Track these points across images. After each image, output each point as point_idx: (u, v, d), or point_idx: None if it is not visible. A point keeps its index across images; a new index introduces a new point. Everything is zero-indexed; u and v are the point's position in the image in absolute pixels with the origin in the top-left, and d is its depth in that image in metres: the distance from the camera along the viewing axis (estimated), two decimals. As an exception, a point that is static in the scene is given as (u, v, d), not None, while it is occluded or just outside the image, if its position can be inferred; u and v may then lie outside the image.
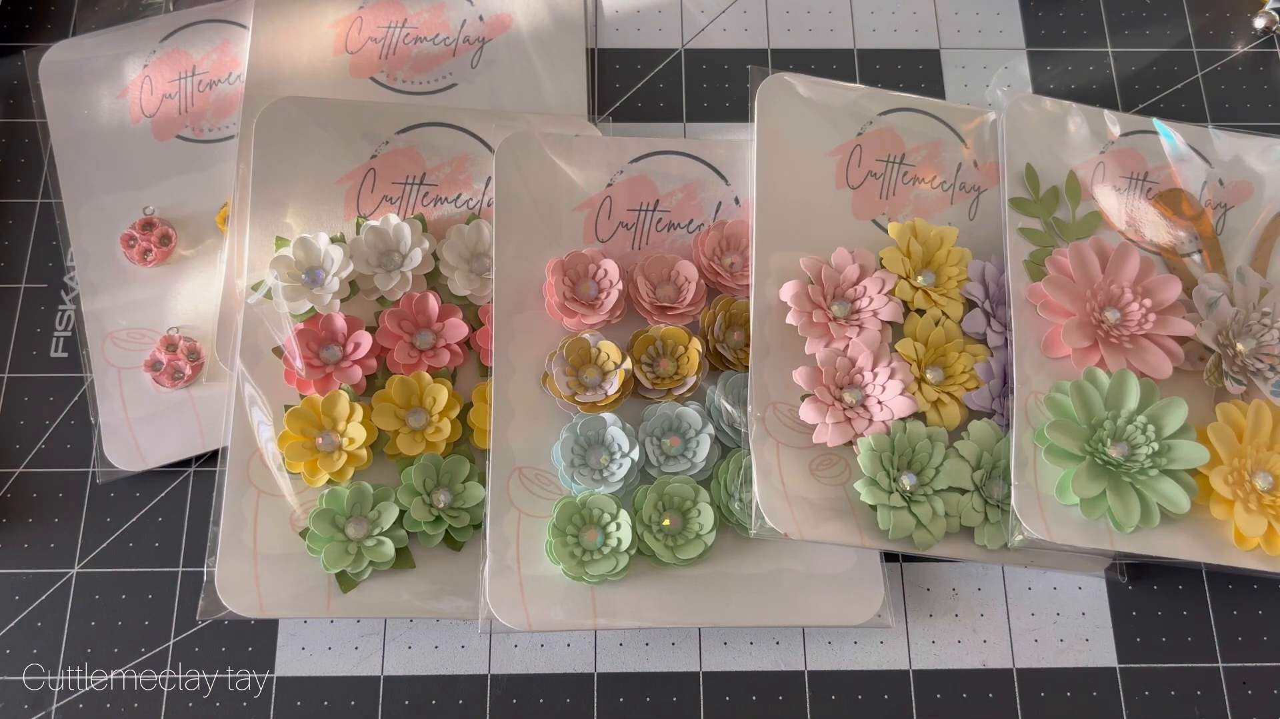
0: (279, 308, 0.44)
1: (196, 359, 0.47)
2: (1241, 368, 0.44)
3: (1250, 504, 0.41)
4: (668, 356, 0.45)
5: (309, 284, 0.45)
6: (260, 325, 0.45)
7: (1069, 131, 0.48)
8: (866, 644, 0.44)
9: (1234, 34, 0.56)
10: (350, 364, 0.44)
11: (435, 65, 0.53)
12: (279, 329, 0.45)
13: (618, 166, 0.48)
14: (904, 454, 0.42)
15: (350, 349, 0.44)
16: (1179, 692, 0.44)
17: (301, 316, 0.44)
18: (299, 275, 0.45)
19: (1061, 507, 0.41)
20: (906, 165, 0.48)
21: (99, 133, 0.51)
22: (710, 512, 0.42)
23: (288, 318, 0.44)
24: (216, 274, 0.48)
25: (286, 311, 0.44)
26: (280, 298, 0.44)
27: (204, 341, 0.47)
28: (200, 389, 0.47)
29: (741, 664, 0.44)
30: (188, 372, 0.46)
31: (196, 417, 0.46)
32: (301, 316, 0.44)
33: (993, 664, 0.44)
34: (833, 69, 0.54)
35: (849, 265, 0.44)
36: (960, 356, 0.44)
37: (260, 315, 0.45)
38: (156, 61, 0.52)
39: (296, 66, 0.52)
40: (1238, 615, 0.45)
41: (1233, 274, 0.47)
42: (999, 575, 0.45)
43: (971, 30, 0.55)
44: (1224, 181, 0.49)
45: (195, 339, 0.47)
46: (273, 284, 0.44)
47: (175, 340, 0.47)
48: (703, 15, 0.56)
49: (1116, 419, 0.42)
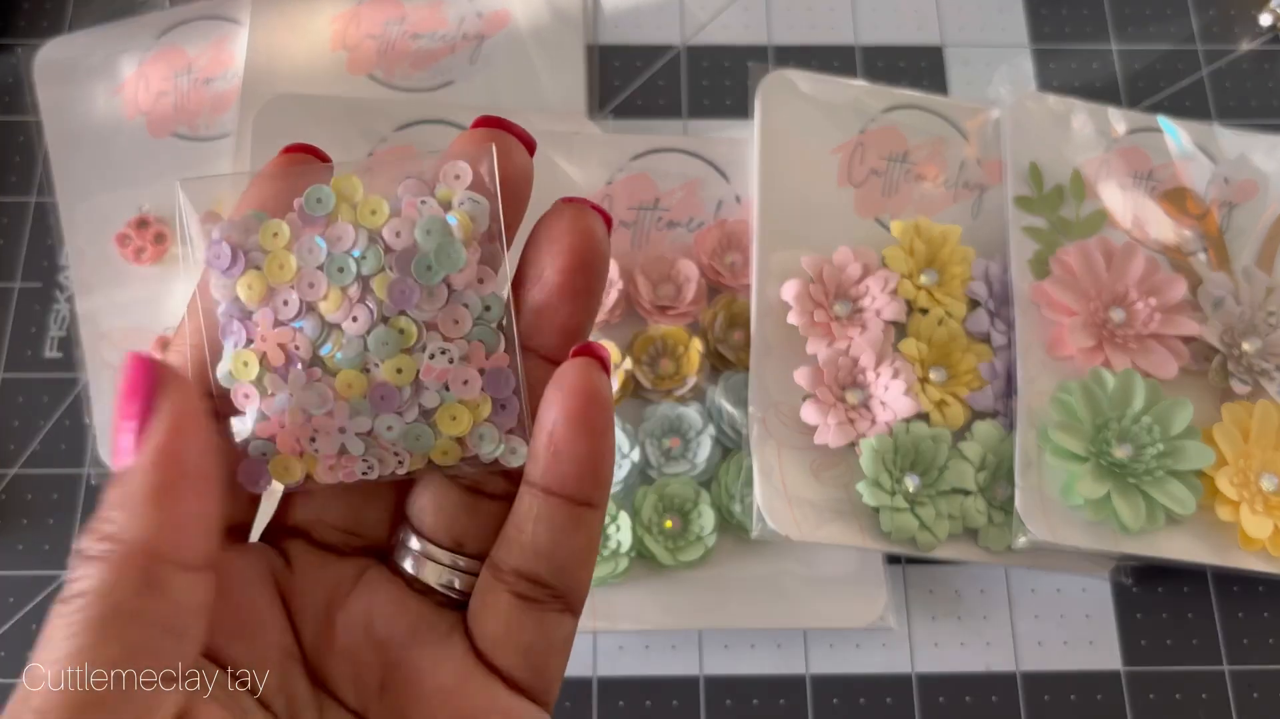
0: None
1: (192, 359, 0.46)
2: (1247, 368, 0.44)
3: (1256, 505, 0.41)
4: (668, 356, 0.44)
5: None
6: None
7: (1073, 129, 0.48)
8: (869, 647, 0.44)
9: (1239, 31, 0.55)
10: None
11: (433, 62, 0.52)
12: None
13: (617, 164, 0.47)
14: (907, 455, 0.41)
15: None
16: (1184, 695, 0.43)
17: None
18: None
19: (1066, 508, 0.41)
20: (909, 163, 0.47)
21: (94, 130, 0.51)
22: (711, 513, 0.42)
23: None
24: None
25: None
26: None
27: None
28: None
29: (743, 668, 0.43)
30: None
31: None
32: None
33: (996, 667, 0.44)
34: (834, 66, 0.54)
35: (851, 264, 0.44)
36: (964, 356, 0.43)
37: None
38: (152, 58, 0.52)
39: (293, 63, 0.51)
40: (1243, 618, 0.45)
41: (1238, 273, 0.46)
42: (1002, 578, 0.45)
43: (975, 26, 0.55)
44: (1229, 180, 0.48)
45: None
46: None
47: (170, 340, 0.47)
48: (703, 11, 0.55)
49: (1122, 420, 0.42)
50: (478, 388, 0.22)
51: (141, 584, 0.19)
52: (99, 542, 0.19)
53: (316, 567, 0.23)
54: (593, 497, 0.22)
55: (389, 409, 0.22)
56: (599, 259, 0.23)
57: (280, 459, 0.22)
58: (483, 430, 0.23)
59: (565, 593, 0.22)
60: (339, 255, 0.22)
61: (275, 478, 0.23)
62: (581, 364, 0.21)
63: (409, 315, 0.22)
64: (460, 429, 0.22)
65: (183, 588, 0.20)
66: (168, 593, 0.19)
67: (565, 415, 0.21)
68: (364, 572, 0.24)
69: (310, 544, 0.24)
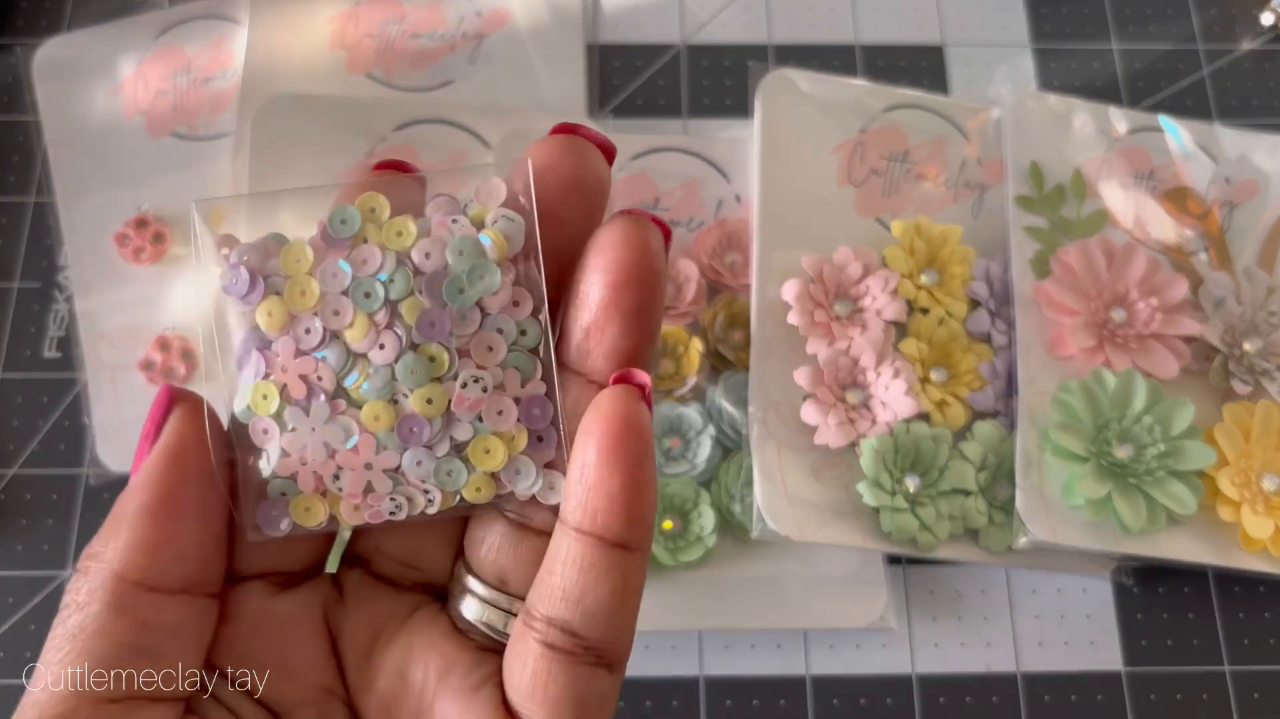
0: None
1: (190, 359, 0.46)
2: (1248, 368, 0.44)
3: (1257, 506, 0.41)
4: (668, 356, 0.44)
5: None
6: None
7: (1074, 129, 0.48)
8: (869, 648, 0.44)
9: (1240, 30, 0.55)
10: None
11: (432, 61, 0.52)
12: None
13: (617, 164, 0.47)
14: (907, 455, 0.41)
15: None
16: (1185, 696, 0.43)
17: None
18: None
19: (1067, 508, 0.41)
20: (910, 162, 0.47)
21: (93, 130, 0.51)
22: (711, 514, 0.42)
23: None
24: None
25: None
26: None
27: (197, 341, 0.47)
28: (194, 389, 0.46)
29: (743, 668, 0.43)
30: (181, 372, 0.46)
31: (191, 417, 0.46)
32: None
33: (997, 668, 0.44)
34: (835, 65, 0.54)
35: (851, 264, 0.44)
36: (965, 356, 0.43)
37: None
38: (151, 58, 0.52)
39: (292, 63, 0.51)
40: (1245, 618, 0.44)
41: (1239, 273, 0.46)
42: (1003, 578, 0.45)
43: (975, 26, 0.55)
44: (1230, 179, 0.48)
45: (189, 339, 0.47)
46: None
47: (169, 340, 0.46)
48: (703, 10, 0.55)
49: (1123, 420, 0.41)
50: (513, 418, 0.21)
51: (108, 602, 0.19)
52: (86, 557, 0.20)
53: (369, 600, 0.22)
54: (629, 538, 0.20)
55: (418, 443, 0.21)
56: (652, 275, 0.21)
57: (301, 499, 0.21)
58: (519, 464, 0.21)
59: (598, 644, 0.20)
60: (365, 280, 0.21)
61: (296, 520, 0.21)
62: (618, 393, 0.20)
63: (440, 342, 0.21)
64: (494, 464, 0.21)
65: (154, 610, 0.20)
66: (133, 612, 0.19)
67: (598, 448, 0.20)
68: (417, 608, 0.22)
69: (367, 575, 0.23)
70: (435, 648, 0.22)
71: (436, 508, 0.21)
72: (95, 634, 0.19)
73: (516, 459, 0.21)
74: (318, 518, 0.21)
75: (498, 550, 0.22)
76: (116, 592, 0.19)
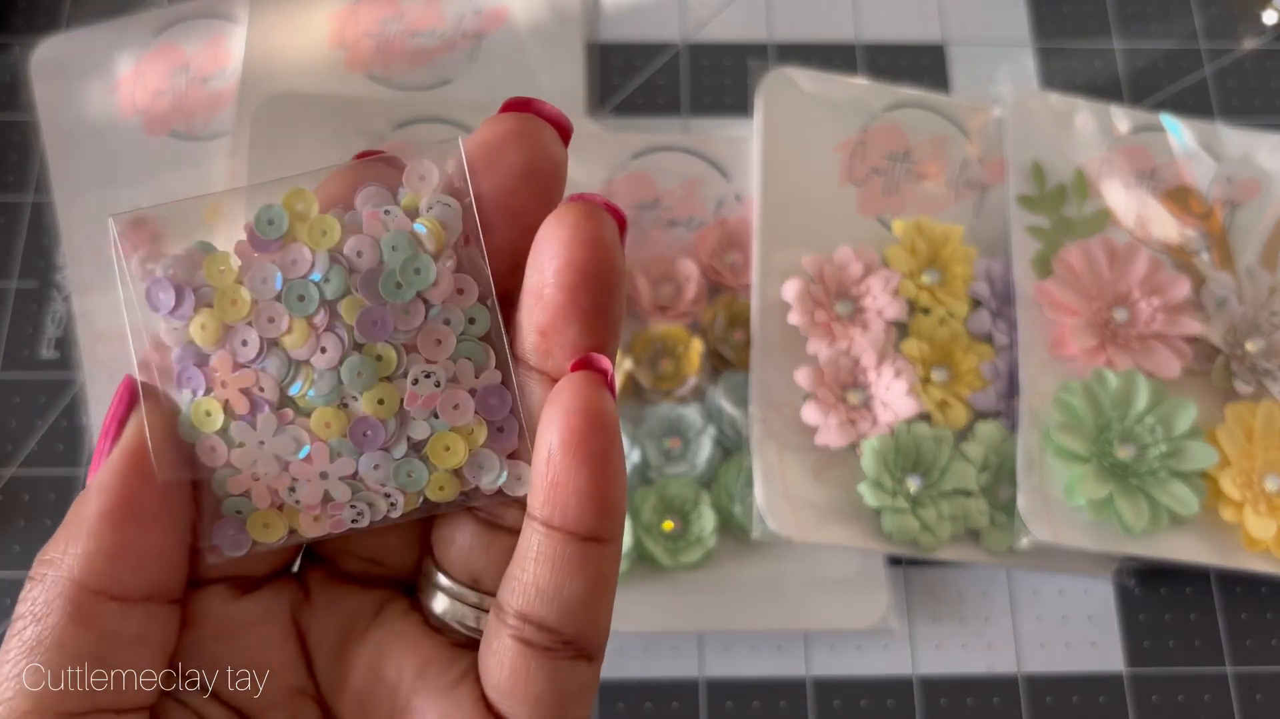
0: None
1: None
2: (1251, 368, 0.44)
3: (1260, 506, 0.41)
4: (668, 356, 0.44)
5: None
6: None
7: (1076, 128, 0.48)
8: (870, 649, 0.44)
9: (1242, 29, 0.55)
10: None
11: (431, 60, 0.52)
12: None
13: (617, 163, 0.47)
14: (908, 456, 0.41)
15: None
16: (1187, 697, 0.43)
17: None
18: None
19: (1068, 509, 0.41)
20: (911, 162, 0.47)
21: (91, 129, 0.50)
22: (711, 514, 0.42)
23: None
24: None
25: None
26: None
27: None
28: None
29: (743, 670, 0.43)
30: (180, 372, 0.46)
31: (189, 417, 0.46)
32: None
33: (998, 670, 0.43)
34: (835, 63, 0.54)
35: (852, 263, 0.44)
36: (966, 356, 0.43)
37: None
38: (149, 57, 0.52)
39: (291, 62, 0.51)
40: (1247, 619, 0.44)
41: (1241, 273, 0.46)
42: (1004, 579, 0.45)
43: (977, 24, 0.55)
44: (1232, 179, 0.48)
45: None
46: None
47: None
48: (704, 8, 0.55)
49: (1124, 420, 0.41)
50: (470, 411, 0.20)
51: (68, 612, 0.19)
52: (41, 563, 0.19)
53: (335, 599, 0.22)
54: (599, 530, 0.19)
55: (373, 446, 0.20)
56: (608, 270, 0.19)
57: (258, 515, 0.20)
58: (481, 458, 0.20)
59: (575, 638, 0.20)
60: (297, 282, 0.20)
61: (254, 537, 0.20)
62: (579, 381, 0.19)
63: (385, 340, 0.20)
64: (455, 460, 0.20)
65: (117, 620, 0.19)
66: (95, 623, 0.19)
67: (561, 440, 0.19)
68: (385, 604, 0.22)
69: (331, 574, 0.22)
70: (409, 644, 0.21)
71: (400, 511, 0.21)
72: (54, 647, 0.19)
73: (478, 453, 0.20)
74: (277, 533, 0.20)
75: (469, 551, 0.21)
76: (77, 601, 0.19)
